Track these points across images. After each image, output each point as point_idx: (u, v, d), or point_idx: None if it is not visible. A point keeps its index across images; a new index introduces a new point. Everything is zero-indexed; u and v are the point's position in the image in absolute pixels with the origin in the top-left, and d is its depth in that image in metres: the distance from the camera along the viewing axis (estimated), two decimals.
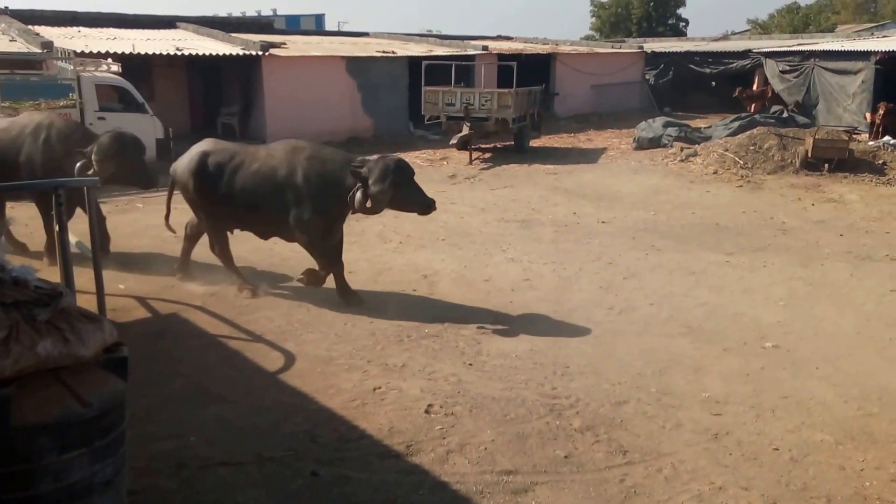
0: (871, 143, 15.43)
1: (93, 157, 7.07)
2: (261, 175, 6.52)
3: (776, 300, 6.87)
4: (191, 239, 7.30)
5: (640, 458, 4.13)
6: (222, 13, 36.25)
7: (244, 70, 18.13)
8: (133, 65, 15.26)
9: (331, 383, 5.04)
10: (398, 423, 4.48)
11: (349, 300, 6.66)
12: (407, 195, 6.27)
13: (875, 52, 18.71)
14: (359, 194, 6.14)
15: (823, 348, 5.74)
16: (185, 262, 7.32)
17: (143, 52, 16.13)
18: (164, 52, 16.55)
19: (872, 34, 28.26)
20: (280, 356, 5.50)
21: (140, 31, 19.93)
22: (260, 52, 17.30)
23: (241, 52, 17.41)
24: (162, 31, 20.75)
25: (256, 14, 37.90)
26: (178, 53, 16.73)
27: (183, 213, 7.37)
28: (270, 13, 39.39)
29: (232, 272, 7.03)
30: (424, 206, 6.34)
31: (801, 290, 7.16)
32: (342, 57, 19.06)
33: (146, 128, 13.25)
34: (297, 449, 4.17)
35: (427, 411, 4.63)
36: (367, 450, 4.18)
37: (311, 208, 6.39)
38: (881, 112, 17.00)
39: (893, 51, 18.49)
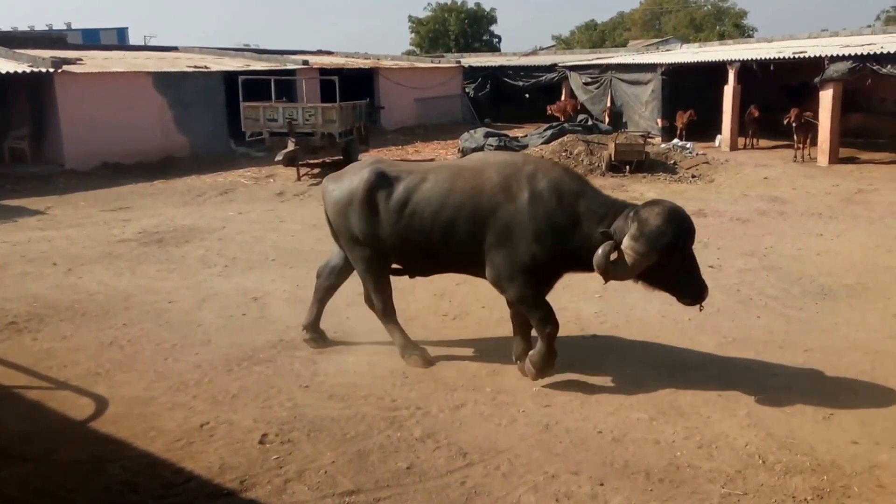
0: (663, 145, 17.18)
1: (628, 241, 4.62)
2: None
3: (592, 293, 7.34)
4: None
5: (479, 459, 4.22)
6: (6, 27, 32.66)
7: (34, 89, 16.46)
8: None
9: (151, 425, 4.65)
10: (230, 459, 4.22)
11: None
12: None
13: (661, 65, 20.84)
14: None
15: (635, 333, 6.24)
16: None
17: None
18: None
19: (658, 48, 31.51)
20: (90, 402, 4.98)
21: None
22: (51, 70, 15.80)
23: (27, 70, 15.77)
24: None
25: (47, 28, 34.63)
26: None
27: None
28: (64, 27, 36.20)
29: None
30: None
31: (612, 283, 7.71)
32: (149, 73, 17.97)
33: None
34: (114, 502, 3.79)
35: (262, 442, 4.42)
36: (195, 492, 3.89)
37: None
38: (687, 118, 19.18)
39: (675, 63, 20.74)
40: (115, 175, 15.78)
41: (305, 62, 22.66)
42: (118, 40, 37.52)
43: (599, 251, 4.72)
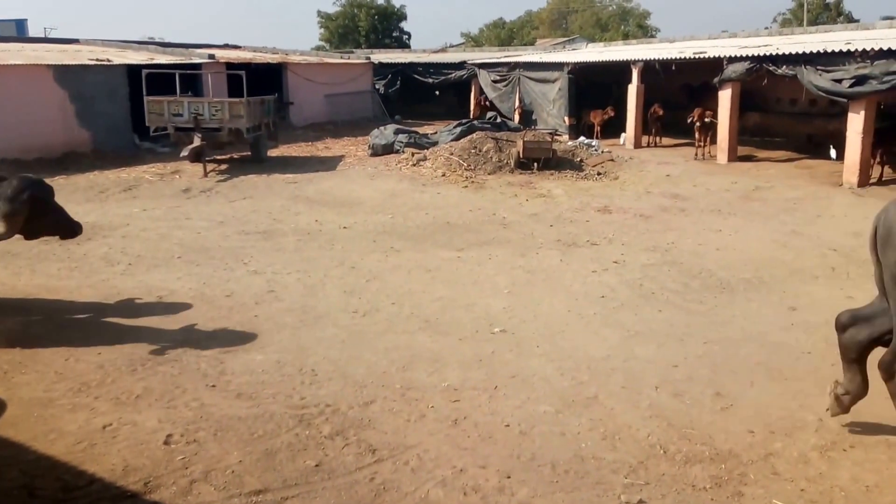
0: (570, 143, 17.73)
1: None
2: None
3: (501, 288, 7.56)
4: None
5: (388, 455, 4.29)
6: None
7: None
8: None
9: (51, 427, 4.50)
10: (134, 460, 4.14)
11: None
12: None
13: (567, 63, 21.39)
14: None
15: (542, 328, 6.43)
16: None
17: None
18: None
19: (565, 47, 32.39)
20: None
21: None
22: None
23: None
24: None
25: None
26: None
27: None
28: None
29: None
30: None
31: (521, 278, 7.96)
32: (49, 66, 17.05)
33: None
34: None
35: (167, 442, 4.35)
36: (97, 495, 3.80)
37: None
38: (603, 116, 19.97)
39: (581, 62, 21.36)
40: (14, 171, 14.82)
41: (211, 56, 22.03)
42: (17, 32, 35.30)
43: None
